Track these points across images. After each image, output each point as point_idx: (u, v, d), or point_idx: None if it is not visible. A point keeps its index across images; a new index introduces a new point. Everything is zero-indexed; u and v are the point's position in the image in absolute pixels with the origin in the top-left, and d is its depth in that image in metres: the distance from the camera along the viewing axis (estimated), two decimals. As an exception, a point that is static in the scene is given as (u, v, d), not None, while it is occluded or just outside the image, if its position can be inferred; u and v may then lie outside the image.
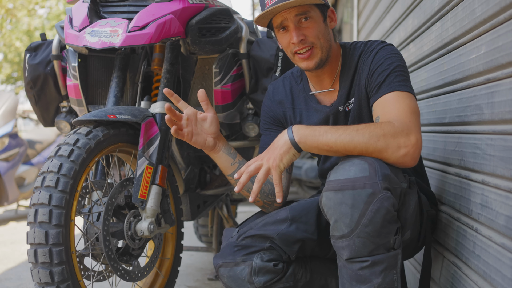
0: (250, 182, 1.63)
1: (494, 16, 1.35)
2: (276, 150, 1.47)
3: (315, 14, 1.58)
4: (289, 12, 1.56)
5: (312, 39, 1.57)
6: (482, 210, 1.38)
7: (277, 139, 1.49)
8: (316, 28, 1.57)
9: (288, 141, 1.46)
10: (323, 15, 1.61)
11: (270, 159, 1.46)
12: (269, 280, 1.57)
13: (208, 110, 1.63)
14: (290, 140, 1.45)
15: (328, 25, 1.63)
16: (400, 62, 1.57)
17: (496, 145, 1.30)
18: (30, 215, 1.58)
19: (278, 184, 1.45)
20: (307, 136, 1.44)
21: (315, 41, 1.58)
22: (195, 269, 3.09)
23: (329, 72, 1.67)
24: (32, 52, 2.22)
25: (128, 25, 1.78)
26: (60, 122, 2.26)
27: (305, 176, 5.54)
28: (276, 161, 1.45)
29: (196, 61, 2.15)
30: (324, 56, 1.60)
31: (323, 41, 1.59)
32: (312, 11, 1.57)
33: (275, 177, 1.46)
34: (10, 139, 5.11)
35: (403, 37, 2.62)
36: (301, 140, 1.44)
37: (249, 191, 1.64)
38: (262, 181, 1.45)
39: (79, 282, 1.62)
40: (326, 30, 1.61)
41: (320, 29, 1.58)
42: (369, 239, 1.33)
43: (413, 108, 1.48)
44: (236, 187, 1.48)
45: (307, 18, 1.57)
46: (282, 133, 1.49)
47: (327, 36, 1.61)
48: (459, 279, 1.51)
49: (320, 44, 1.58)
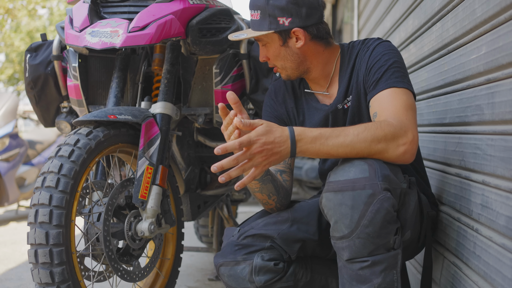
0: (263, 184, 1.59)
1: (494, 17, 1.35)
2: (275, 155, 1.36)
3: (271, 40, 1.64)
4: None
5: (273, 61, 1.68)
6: (482, 210, 1.38)
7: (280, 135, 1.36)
8: (273, 53, 1.66)
9: (288, 147, 1.37)
10: (282, 39, 1.63)
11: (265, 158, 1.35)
12: (270, 279, 1.57)
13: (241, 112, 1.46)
14: (291, 146, 1.37)
15: (291, 47, 1.63)
16: (397, 58, 1.57)
17: (497, 145, 1.30)
18: (30, 215, 1.58)
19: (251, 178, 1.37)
20: (308, 147, 1.38)
21: (276, 63, 1.68)
22: (196, 269, 3.09)
23: (322, 76, 1.69)
24: (33, 53, 2.23)
25: (129, 26, 1.78)
26: (61, 123, 2.26)
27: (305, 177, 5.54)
28: (270, 165, 1.38)
29: (197, 62, 2.15)
30: (291, 73, 1.68)
31: (284, 63, 1.66)
32: (266, 38, 1.64)
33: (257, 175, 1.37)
34: (11, 139, 5.11)
35: (404, 38, 2.62)
36: (302, 150, 1.38)
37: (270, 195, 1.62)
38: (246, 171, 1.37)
39: (79, 283, 1.62)
40: (287, 52, 1.64)
41: (277, 53, 1.65)
42: (369, 239, 1.33)
43: (409, 105, 1.49)
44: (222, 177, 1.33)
45: (264, 45, 1.66)
46: (283, 131, 1.38)
47: (288, 57, 1.64)
48: (460, 280, 1.51)
49: (281, 65, 1.67)
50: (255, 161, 1.35)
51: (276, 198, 1.62)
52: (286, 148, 1.37)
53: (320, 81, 1.70)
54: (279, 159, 1.37)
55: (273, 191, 1.60)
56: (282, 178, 1.69)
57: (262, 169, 1.37)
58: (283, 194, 1.64)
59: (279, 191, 1.62)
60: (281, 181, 1.65)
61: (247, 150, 1.33)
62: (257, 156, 1.35)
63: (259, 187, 1.58)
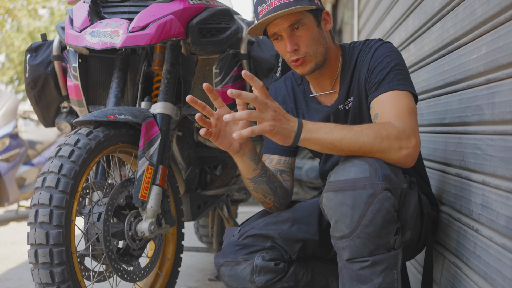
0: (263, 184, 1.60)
1: (494, 17, 1.35)
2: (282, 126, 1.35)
3: (308, 20, 1.57)
4: (281, 23, 1.55)
5: (305, 48, 1.57)
6: (482, 210, 1.38)
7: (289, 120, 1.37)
8: (309, 35, 1.57)
9: (295, 126, 1.37)
10: (317, 20, 1.60)
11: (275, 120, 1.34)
12: (270, 279, 1.57)
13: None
14: (297, 126, 1.37)
15: (323, 29, 1.62)
16: (399, 60, 1.57)
17: (497, 145, 1.30)
18: (30, 215, 1.58)
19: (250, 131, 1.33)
20: (312, 133, 1.38)
21: (308, 50, 1.58)
22: (196, 269, 3.09)
23: (328, 74, 1.67)
24: (33, 53, 2.23)
25: (129, 26, 1.78)
26: (61, 123, 2.26)
27: (305, 177, 5.54)
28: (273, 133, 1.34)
29: (197, 62, 2.15)
30: (319, 61, 1.60)
31: (317, 47, 1.59)
32: (305, 18, 1.56)
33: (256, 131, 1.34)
34: (11, 139, 5.11)
35: (404, 38, 2.62)
36: (307, 137, 1.38)
37: (266, 195, 1.62)
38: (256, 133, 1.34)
39: (79, 283, 1.62)
40: (321, 35, 1.61)
41: (313, 35, 1.58)
42: (370, 239, 1.33)
43: (411, 109, 1.49)
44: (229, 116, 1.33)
45: (300, 27, 1.56)
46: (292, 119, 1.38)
47: (321, 40, 1.60)
48: (460, 280, 1.51)
49: (314, 51, 1.58)
50: (265, 115, 1.33)
51: (273, 198, 1.63)
52: (293, 126, 1.37)
53: (326, 80, 1.69)
54: (283, 131, 1.35)
55: (268, 191, 1.60)
56: (282, 178, 1.69)
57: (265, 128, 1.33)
58: (281, 194, 1.64)
59: (276, 191, 1.62)
60: (280, 181, 1.65)
61: (261, 109, 1.33)
62: (268, 112, 1.33)
63: (253, 186, 1.59)
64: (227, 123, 1.48)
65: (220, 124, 1.46)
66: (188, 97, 1.39)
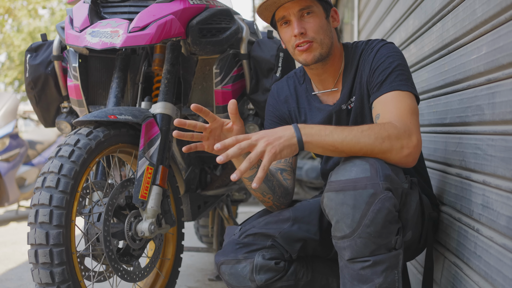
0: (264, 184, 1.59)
1: (495, 17, 1.35)
2: (280, 140, 1.35)
3: (318, 9, 1.60)
4: (292, 7, 1.58)
5: (313, 33, 1.59)
6: (483, 210, 1.38)
7: (282, 129, 1.39)
8: (317, 23, 1.59)
9: (294, 137, 1.37)
10: (326, 12, 1.63)
11: (269, 144, 1.33)
12: (270, 278, 1.57)
13: (236, 123, 1.52)
14: (296, 137, 1.37)
15: (330, 23, 1.65)
16: (401, 61, 1.57)
17: (497, 145, 1.30)
18: (30, 215, 1.58)
19: (265, 170, 1.31)
20: (313, 136, 1.39)
21: (316, 36, 1.59)
22: (196, 269, 3.09)
23: (331, 71, 1.68)
24: (33, 53, 2.23)
25: (129, 26, 1.78)
26: (61, 123, 2.26)
27: (305, 177, 5.54)
28: (276, 149, 1.34)
29: (197, 62, 2.15)
30: (324, 51, 1.61)
31: (324, 37, 1.60)
32: (315, 6, 1.59)
33: (266, 163, 1.31)
34: (11, 139, 5.11)
35: (404, 38, 2.62)
36: (307, 139, 1.38)
37: (264, 194, 1.62)
38: (254, 163, 1.32)
39: (79, 283, 1.62)
40: (328, 27, 1.63)
41: (321, 24, 1.60)
42: (371, 239, 1.33)
43: (413, 109, 1.49)
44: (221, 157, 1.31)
45: (310, 13, 1.59)
46: (286, 127, 1.39)
47: (328, 32, 1.62)
48: (460, 280, 1.51)
49: (320, 39, 1.59)
50: (258, 148, 1.33)
51: (272, 196, 1.63)
52: (290, 131, 1.37)
53: (328, 77, 1.69)
54: (284, 143, 1.35)
55: (267, 190, 1.61)
56: (282, 177, 1.69)
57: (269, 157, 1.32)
58: (280, 193, 1.64)
59: (274, 190, 1.62)
60: (280, 180, 1.65)
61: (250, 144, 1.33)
62: (260, 142, 1.33)
63: (249, 185, 1.59)
64: (221, 131, 1.52)
65: (212, 137, 1.50)
66: (192, 105, 1.42)
